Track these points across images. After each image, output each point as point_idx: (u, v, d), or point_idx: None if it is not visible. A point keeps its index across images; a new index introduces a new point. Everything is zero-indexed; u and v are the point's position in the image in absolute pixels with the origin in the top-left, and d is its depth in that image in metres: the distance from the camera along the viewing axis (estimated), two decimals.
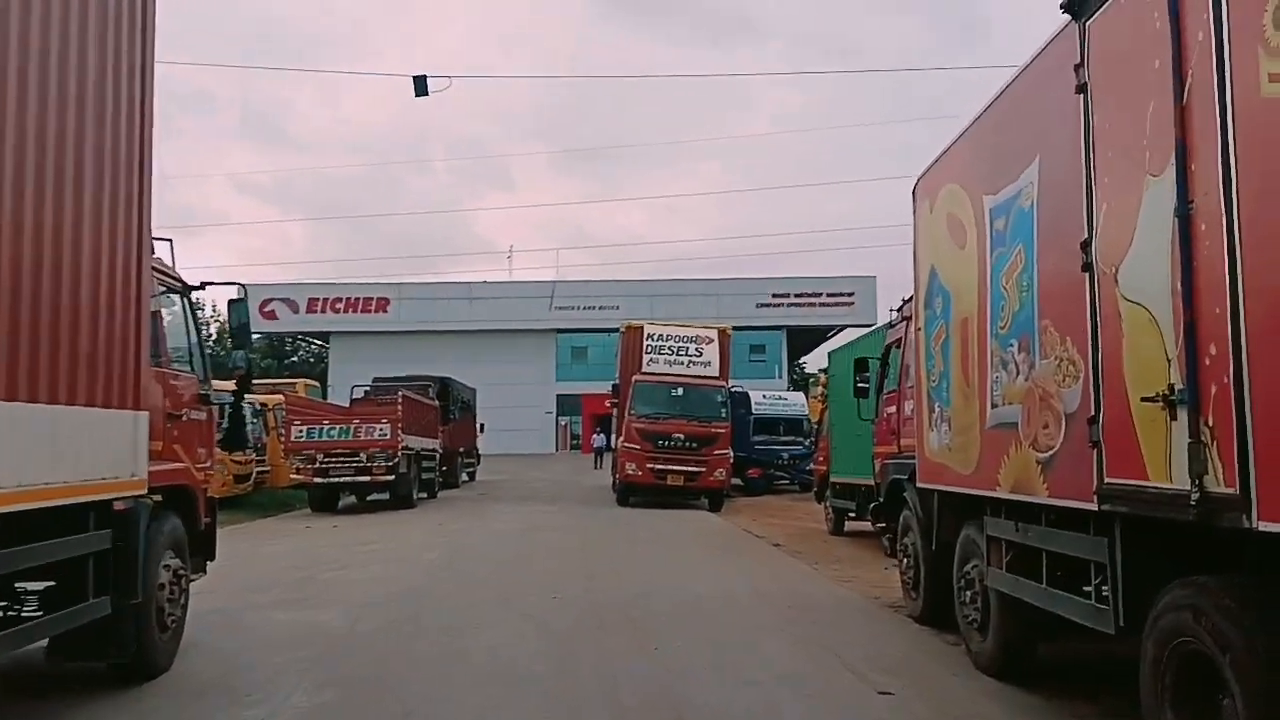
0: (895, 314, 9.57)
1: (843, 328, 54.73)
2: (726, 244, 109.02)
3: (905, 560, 8.64)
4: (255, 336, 61.80)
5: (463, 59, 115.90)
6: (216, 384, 8.28)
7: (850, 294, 52.62)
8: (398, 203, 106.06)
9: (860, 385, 10.17)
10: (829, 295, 52.94)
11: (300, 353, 68.88)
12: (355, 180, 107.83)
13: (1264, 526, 3.22)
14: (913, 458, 8.39)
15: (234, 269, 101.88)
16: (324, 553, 13.31)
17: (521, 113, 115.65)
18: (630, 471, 21.13)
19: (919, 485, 7.74)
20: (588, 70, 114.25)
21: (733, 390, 23.88)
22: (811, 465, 28.51)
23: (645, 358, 22.10)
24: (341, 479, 20.08)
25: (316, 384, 42.25)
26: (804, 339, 58.43)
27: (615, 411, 25.70)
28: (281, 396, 22.22)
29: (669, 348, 22.23)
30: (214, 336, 61.24)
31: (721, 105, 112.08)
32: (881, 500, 9.30)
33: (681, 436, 20.95)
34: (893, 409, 9.03)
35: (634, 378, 21.92)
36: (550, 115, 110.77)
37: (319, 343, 61.27)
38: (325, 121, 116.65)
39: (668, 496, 21.83)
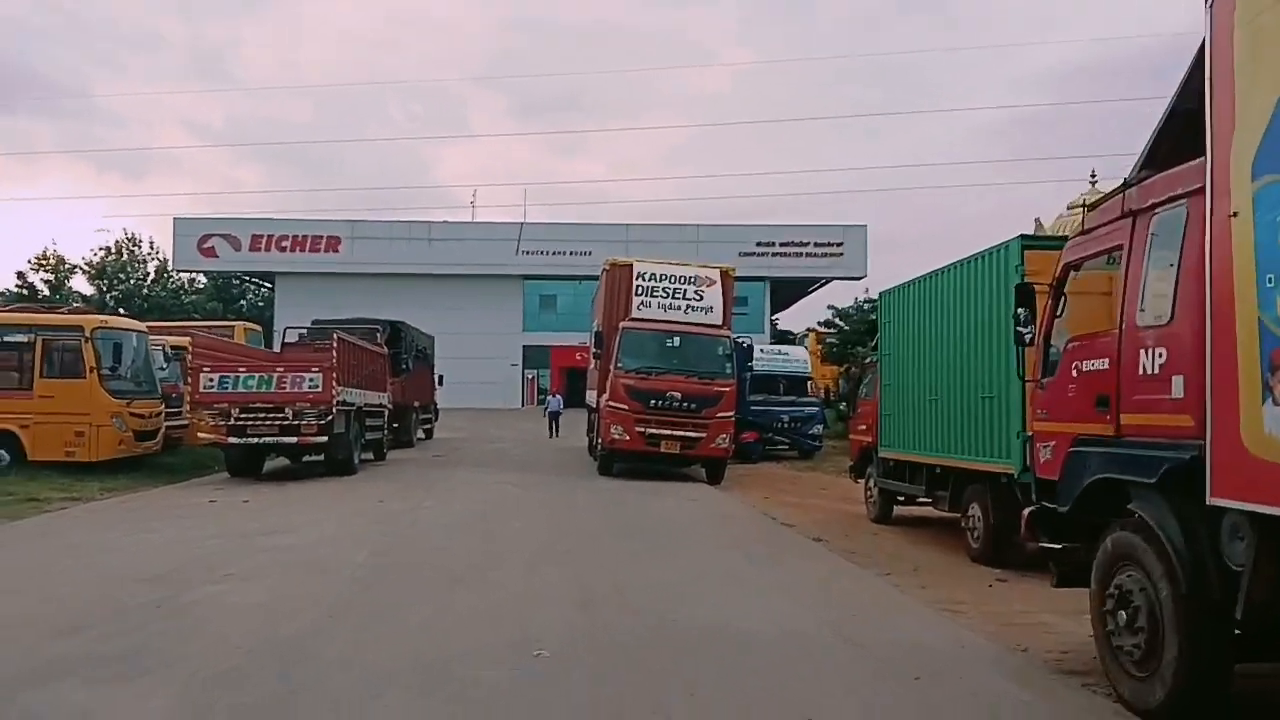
0: (1085, 210, 6.03)
1: (829, 280, 51.56)
2: (699, 192, 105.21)
3: (1121, 614, 5.20)
4: (193, 274, 57.32)
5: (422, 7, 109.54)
6: None
7: (839, 244, 49.17)
8: (355, 148, 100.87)
9: (1021, 328, 6.62)
10: (816, 244, 49.42)
11: (249, 296, 64.19)
12: (309, 126, 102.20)
13: None
14: (1152, 445, 4.95)
15: (182, 207, 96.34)
16: (212, 549, 9.66)
17: (481, 61, 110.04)
18: (616, 436, 17.55)
19: (1215, 502, 4.29)
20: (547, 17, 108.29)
21: (737, 341, 20.34)
22: (812, 430, 25.31)
23: (635, 300, 18.41)
24: (262, 439, 16.34)
25: (258, 328, 38.21)
26: (786, 292, 55.06)
27: (595, 365, 22.10)
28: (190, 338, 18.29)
29: (663, 289, 18.55)
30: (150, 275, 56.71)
31: (679, 61, 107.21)
32: (1064, 506, 5.82)
33: (678, 395, 17.40)
34: (1097, 363, 5.55)
35: (622, 324, 18.25)
36: (510, 65, 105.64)
37: (264, 284, 56.76)
38: (278, 66, 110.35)
39: (657, 464, 18.39)
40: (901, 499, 12.94)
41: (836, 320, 30.79)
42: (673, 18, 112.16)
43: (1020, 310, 6.47)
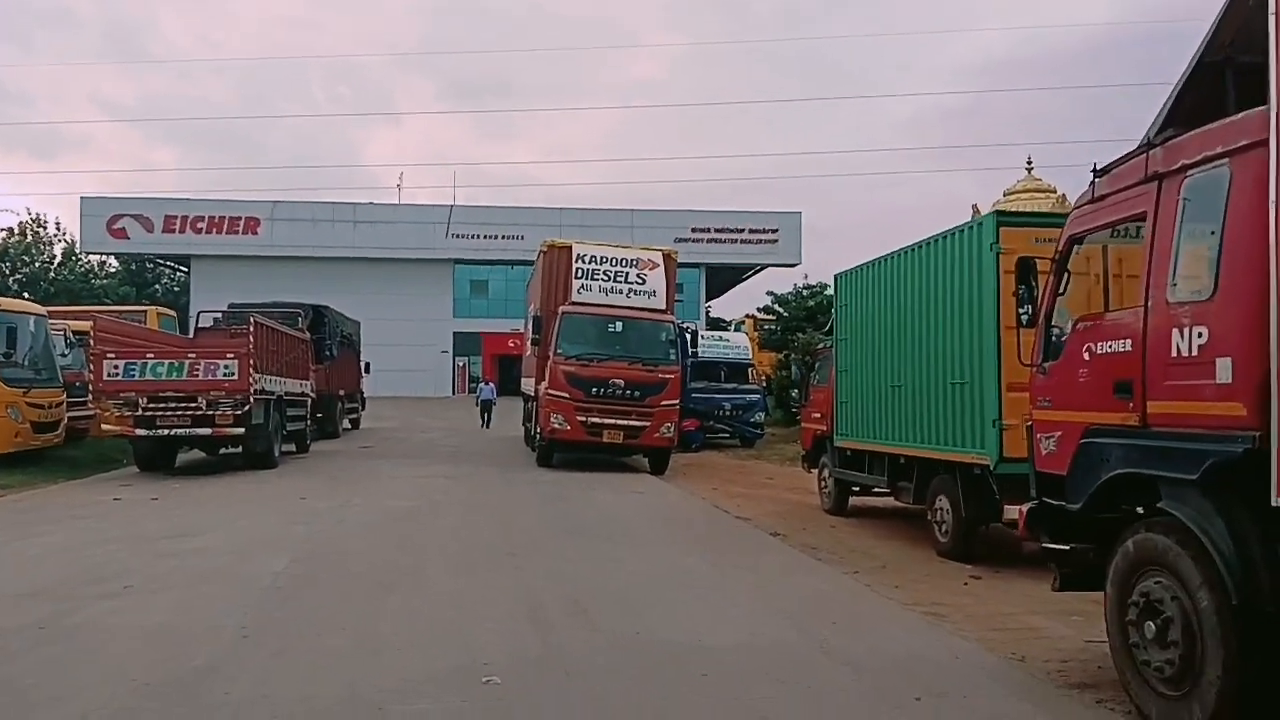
0: (1096, 179, 5.42)
1: (763, 267, 51.31)
2: (632, 178, 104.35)
3: (1148, 625, 4.65)
4: (104, 257, 54.64)
5: None
6: None
7: (774, 230, 48.86)
8: (276, 133, 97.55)
9: (1020, 308, 6.00)
10: (751, 231, 49.00)
11: (164, 280, 61.31)
12: (229, 106, 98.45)
13: None
14: (1190, 437, 4.40)
15: (94, 188, 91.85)
16: (111, 556, 8.61)
17: (408, 44, 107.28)
18: (556, 425, 16.75)
19: None
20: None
21: (681, 326, 19.67)
22: (754, 417, 24.82)
23: (575, 284, 17.57)
24: (173, 431, 15.13)
25: (173, 314, 36.25)
26: (719, 279, 54.66)
27: (532, 351, 21.24)
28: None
29: (604, 273, 17.75)
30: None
31: (607, 46, 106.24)
32: (1073, 504, 5.25)
33: (621, 383, 16.66)
34: (1116, 344, 4.98)
35: (561, 308, 17.43)
36: (438, 48, 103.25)
37: (179, 268, 54.25)
38: (195, 42, 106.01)
39: (598, 454, 17.65)
40: (857, 490, 12.46)
41: (776, 306, 30.37)
42: (604, 5, 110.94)
43: (1021, 287, 5.85)
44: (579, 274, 17.65)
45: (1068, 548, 5.44)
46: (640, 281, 17.81)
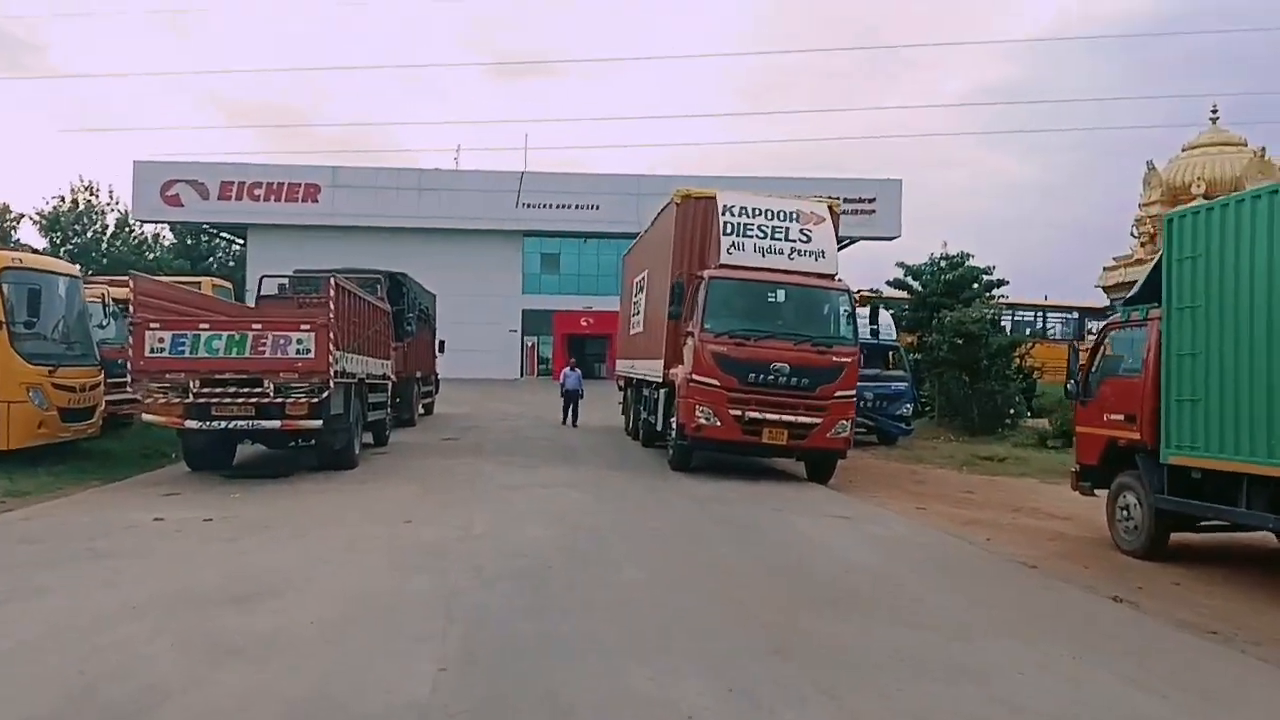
0: None
1: (855, 240, 47.28)
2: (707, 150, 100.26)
3: None
4: (158, 229, 52.41)
5: None
6: None
7: (872, 200, 44.92)
8: (328, 108, 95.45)
9: None
10: (846, 201, 44.78)
11: (218, 254, 58.80)
12: (278, 89, 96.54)
13: None
14: None
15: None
16: (130, 649, 5.24)
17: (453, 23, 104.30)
18: (703, 420, 13.19)
19: None
20: None
21: (863, 295, 16.02)
22: (901, 410, 21.07)
23: (724, 242, 13.98)
24: (232, 422, 11.87)
25: (228, 285, 33.47)
26: None
27: (639, 327, 17.81)
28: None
29: (759, 228, 14.11)
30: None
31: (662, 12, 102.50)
32: None
33: (786, 368, 13.10)
34: None
35: (707, 273, 13.86)
36: (484, 25, 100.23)
37: (235, 240, 51.62)
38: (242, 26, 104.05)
39: (743, 455, 14.21)
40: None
41: (909, 280, 26.49)
42: None
43: None
44: (728, 229, 14.04)
45: None
46: (805, 239, 14.19)
